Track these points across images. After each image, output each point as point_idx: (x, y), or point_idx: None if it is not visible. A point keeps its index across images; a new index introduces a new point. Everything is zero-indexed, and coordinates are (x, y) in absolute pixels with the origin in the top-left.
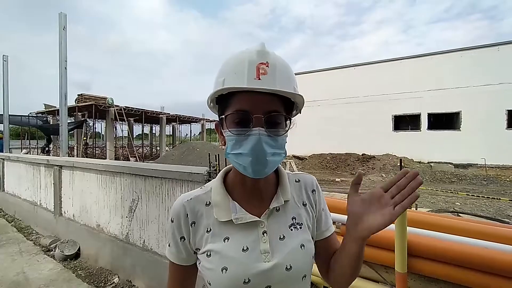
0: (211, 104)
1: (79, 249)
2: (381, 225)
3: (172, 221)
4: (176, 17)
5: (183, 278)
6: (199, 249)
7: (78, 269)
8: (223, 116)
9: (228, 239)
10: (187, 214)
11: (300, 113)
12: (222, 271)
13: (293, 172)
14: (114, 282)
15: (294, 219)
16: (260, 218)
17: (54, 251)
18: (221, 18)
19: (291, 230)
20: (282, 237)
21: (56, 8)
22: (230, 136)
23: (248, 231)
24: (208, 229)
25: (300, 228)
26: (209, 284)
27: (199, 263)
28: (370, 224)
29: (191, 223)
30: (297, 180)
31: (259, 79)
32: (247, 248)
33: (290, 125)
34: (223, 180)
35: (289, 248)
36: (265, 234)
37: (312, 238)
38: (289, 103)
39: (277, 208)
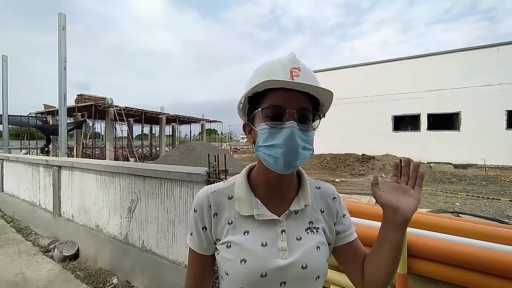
0: (242, 104)
1: (78, 250)
2: (415, 204)
3: (195, 211)
4: (175, 17)
5: (203, 267)
6: (219, 240)
7: (77, 270)
8: (258, 110)
9: (248, 233)
10: (211, 205)
11: (324, 116)
12: (241, 262)
13: (314, 179)
14: (113, 283)
15: (311, 223)
16: (279, 217)
17: (53, 251)
18: (220, 19)
19: (308, 233)
20: (299, 237)
21: (56, 8)
22: (264, 129)
23: (268, 227)
24: (230, 221)
25: (317, 232)
26: (226, 274)
27: (218, 254)
28: (408, 206)
29: (213, 214)
30: (317, 187)
31: (293, 79)
32: (266, 243)
33: (318, 124)
34: (247, 176)
35: (306, 248)
36: (283, 232)
37: (329, 244)
38: (316, 104)
39: (296, 211)
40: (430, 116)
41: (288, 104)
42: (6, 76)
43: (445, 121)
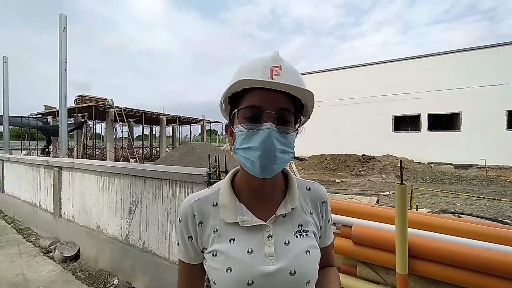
0: (223, 105)
1: (78, 251)
2: None
3: (180, 221)
4: (175, 17)
5: (192, 276)
6: (206, 249)
7: (78, 271)
8: (235, 111)
9: (233, 240)
10: (195, 214)
11: (309, 118)
12: (227, 271)
13: (305, 180)
14: (113, 284)
15: (300, 226)
16: (266, 222)
17: (54, 252)
18: (220, 19)
19: (297, 236)
20: (287, 242)
21: (56, 8)
22: (241, 130)
23: (254, 234)
24: (215, 230)
25: (306, 235)
26: (214, 283)
27: (205, 263)
28: None
29: (198, 223)
30: (308, 188)
31: (272, 79)
32: (252, 250)
33: (299, 125)
34: (231, 181)
35: (294, 253)
36: (270, 238)
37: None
38: (299, 105)
39: (284, 215)
40: (430, 116)
41: (266, 104)
42: (7, 77)
43: (445, 122)
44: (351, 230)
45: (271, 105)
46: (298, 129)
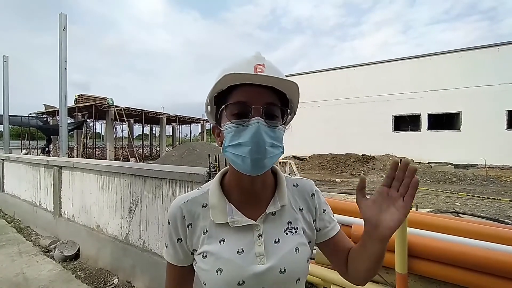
0: (209, 106)
1: (78, 250)
2: (400, 219)
3: (169, 223)
4: (175, 17)
5: (181, 279)
6: (196, 250)
7: (78, 270)
8: (222, 107)
9: (223, 241)
10: (184, 216)
11: (295, 114)
12: (217, 272)
13: (292, 177)
14: (113, 283)
15: (289, 224)
16: (255, 221)
17: (54, 251)
18: (221, 19)
19: (286, 234)
20: (277, 240)
21: (56, 8)
22: (229, 127)
23: (244, 234)
24: (205, 231)
25: (296, 232)
26: (205, 284)
27: (195, 264)
28: (390, 222)
29: (187, 224)
30: (295, 184)
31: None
32: (242, 250)
33: (286, 120)
34: (220, 182)
35: (284, 251)
36: (260, 237)
37: (310, 242)
38: (285, 101)
39: (273, 213)
40: (430, 116)
41: (253, 99)
42: (7, 77)
43: (445, 121)
44: (351, 229)
45: (258, 100)
46: (286, 121)
